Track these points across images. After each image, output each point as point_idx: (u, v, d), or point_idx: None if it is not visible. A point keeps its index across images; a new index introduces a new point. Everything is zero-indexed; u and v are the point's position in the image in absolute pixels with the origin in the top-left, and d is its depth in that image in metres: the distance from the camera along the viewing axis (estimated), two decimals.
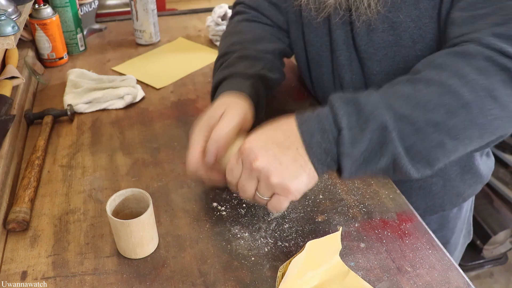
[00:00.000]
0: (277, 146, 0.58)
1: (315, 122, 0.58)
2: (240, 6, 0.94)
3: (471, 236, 1.09)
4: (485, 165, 0.89)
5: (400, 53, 0.73)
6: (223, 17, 1.22)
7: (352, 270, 0.61)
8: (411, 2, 0.69)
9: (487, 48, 0.57)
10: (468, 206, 0.98)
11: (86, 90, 0.98)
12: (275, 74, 0.83)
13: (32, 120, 0.92)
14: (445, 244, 0.94)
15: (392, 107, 0.56)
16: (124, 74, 1.08)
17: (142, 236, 0.62)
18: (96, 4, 1.31)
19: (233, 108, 0.67)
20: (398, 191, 0.75)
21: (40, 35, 1.10)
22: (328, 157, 0.58)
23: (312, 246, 0.57)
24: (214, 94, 0.79)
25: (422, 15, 0.69)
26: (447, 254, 0.64)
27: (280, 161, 0.57)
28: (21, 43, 1.13)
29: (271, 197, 0.60)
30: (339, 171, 0.59)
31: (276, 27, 0.90)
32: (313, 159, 0.58)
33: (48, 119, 0.90)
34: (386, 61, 0.75)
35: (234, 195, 0.74)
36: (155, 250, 0.65)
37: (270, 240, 0.66)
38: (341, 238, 0.61)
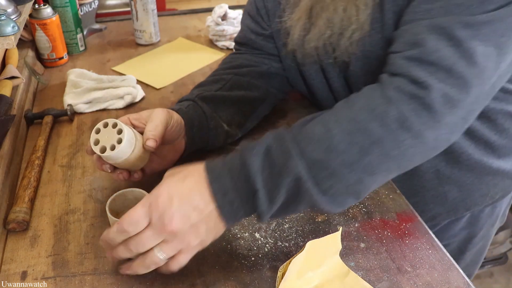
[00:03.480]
0: (192, 209, 0.54)
1: (227, 179, 0.55)
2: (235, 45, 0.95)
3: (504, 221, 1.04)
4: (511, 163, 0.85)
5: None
6: (223, 17, 1.22)
7: (352, 270, 0.61)
8: (377, 30, 0.67)
9: (397, 75, 0.57)
10: (507, 201, 0.95)
11: (86, 90, 0.98)
12: (239, 91, 0.82)
13: (32, 120, 0.92)
14: (471, 238, 0.93)
15: (304, 153, 0.54)
16: (124, 74, 1.08)
17: None
18: (96, 4, 1.31)
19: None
20: (398, 191, 0.75)
21: (40, 35, 1.10)
22: (241, 211, 0.56)
23: (312, 246, 0.57)
24: None
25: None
26: (447, 254, 0.64)
27: (196, 226, 0.54)
28: (21, 43, 1.13)
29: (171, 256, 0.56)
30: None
31: (266, 54, 0.89)
32: (226, 218, 0.56)
33: (48, 119, 0.90)
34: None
35: None
36: None
37: (270, 240, 0.66)
38: (341, 238, 0.61)
